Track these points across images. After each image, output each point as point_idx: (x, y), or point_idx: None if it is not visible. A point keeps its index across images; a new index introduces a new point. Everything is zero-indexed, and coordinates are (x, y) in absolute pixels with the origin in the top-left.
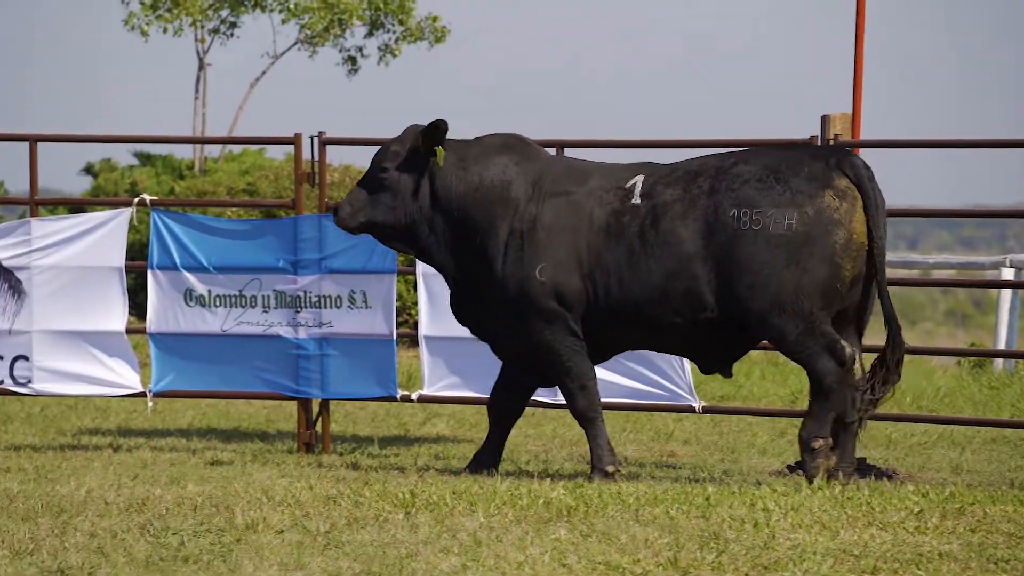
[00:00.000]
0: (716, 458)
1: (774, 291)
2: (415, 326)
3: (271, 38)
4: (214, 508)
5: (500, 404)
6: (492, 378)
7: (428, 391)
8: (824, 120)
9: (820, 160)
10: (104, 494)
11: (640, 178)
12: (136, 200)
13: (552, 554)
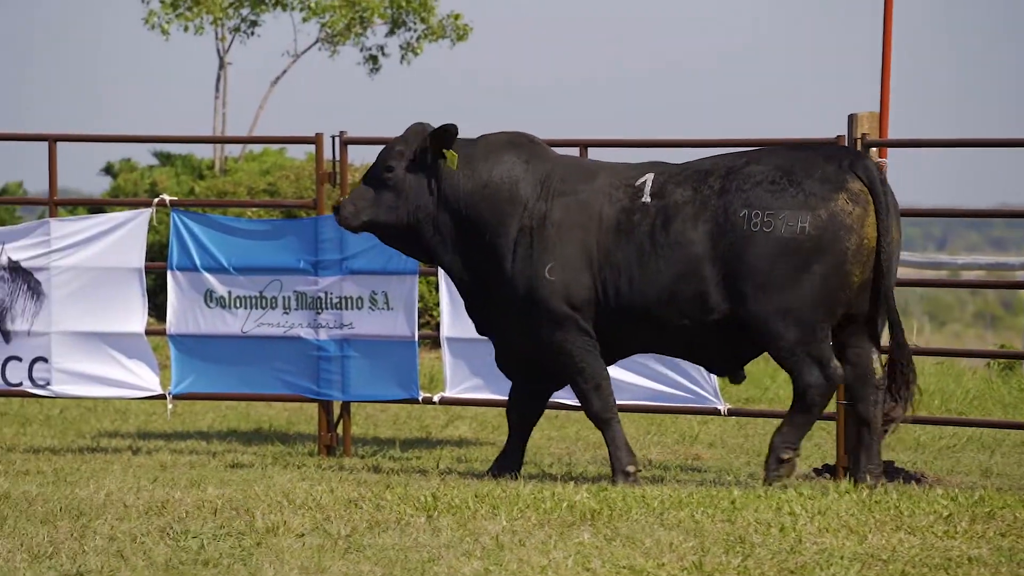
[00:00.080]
0: (742, 461)
1: (781, 295)
2: (437, 327)
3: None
4: (234, 511)
5: (519, 408)
6: None
7: (450, 393)
8: (851, 119)
9: (833, 162)
10: (123, 497)
11: (650, 176)
12: (156, 200)
13: (575, 558)
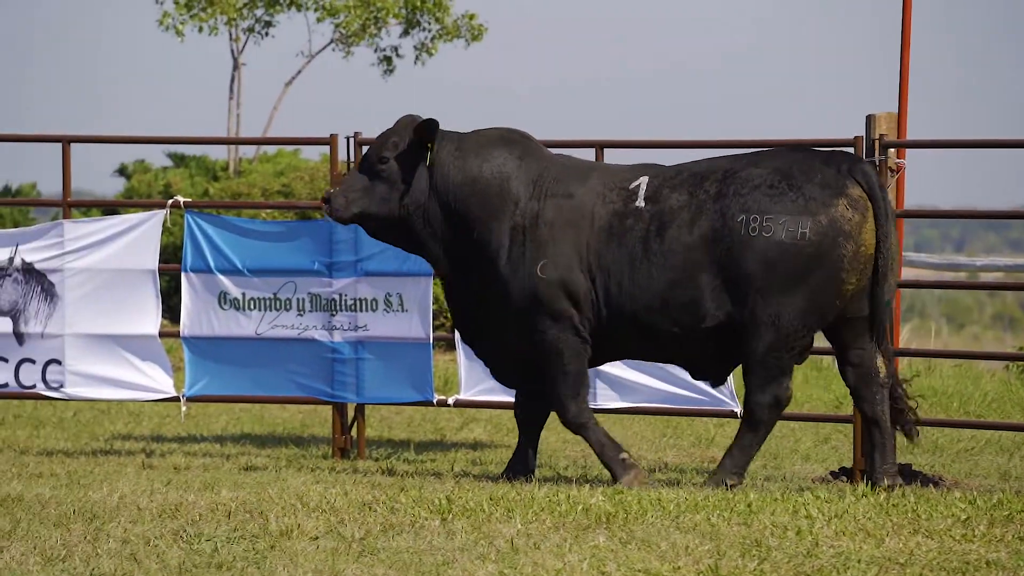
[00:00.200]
0: (758, 464)
1: (779, 300)
2: (452, 329)
3: (306, 37)
4: (248, 514)
5: (525, 409)
6: None
7: (465, 395)
8: (869, 120)
9: (832, 166)
10: (137, 500)
11: (644, 179)
12: (170, 202)
13: (591, 561)
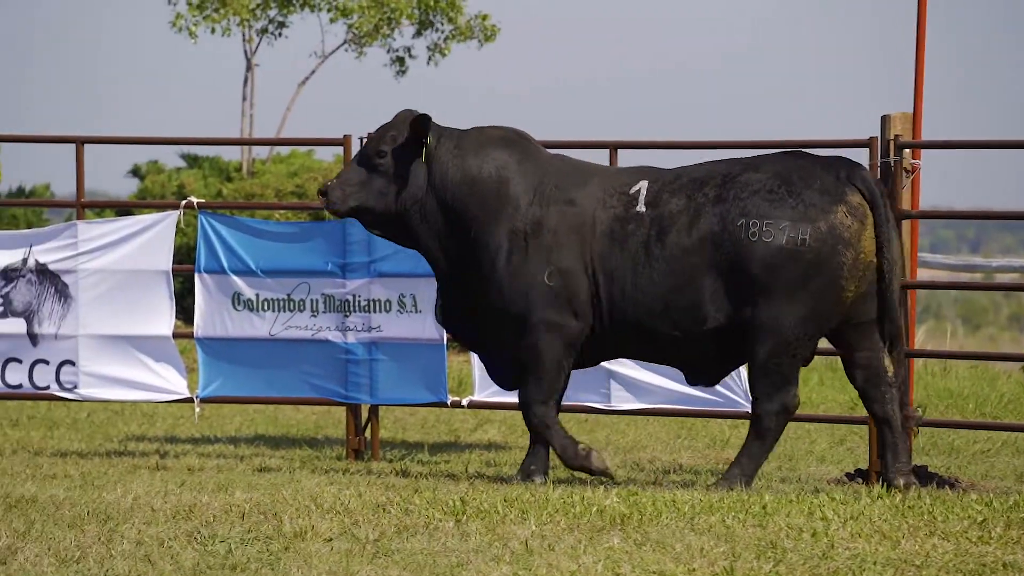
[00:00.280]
0: (773, 465)
1: (778, 306)
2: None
3: (319, 38)
4: (262, 515)
5: None
6: None
7: (479, 397)
8: (884, 120)
9: (831, 172)
10: (151, 501)
11: (644, 184)
12: (183, 203)
13: (605, 563)
